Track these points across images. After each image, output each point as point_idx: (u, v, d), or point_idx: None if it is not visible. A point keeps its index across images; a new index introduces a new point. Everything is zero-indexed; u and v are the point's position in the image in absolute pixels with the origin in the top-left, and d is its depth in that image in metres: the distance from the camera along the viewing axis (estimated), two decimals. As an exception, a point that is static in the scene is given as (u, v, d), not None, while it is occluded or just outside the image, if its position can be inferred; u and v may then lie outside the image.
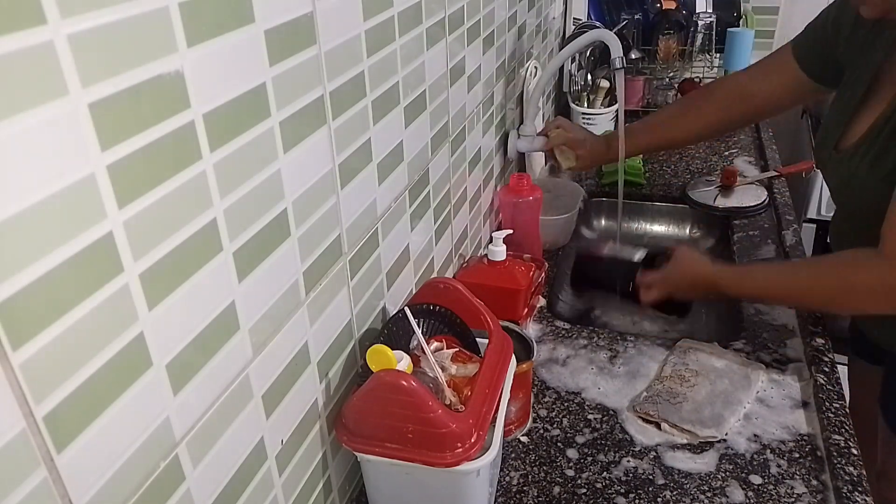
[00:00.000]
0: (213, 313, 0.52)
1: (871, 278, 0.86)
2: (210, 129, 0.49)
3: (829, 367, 1.01)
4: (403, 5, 0.79)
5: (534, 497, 0.84)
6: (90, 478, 0.42)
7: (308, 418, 0.70)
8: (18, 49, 0.34)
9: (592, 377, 1.02)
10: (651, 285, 1.08)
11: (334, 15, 0.64)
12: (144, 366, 0.45)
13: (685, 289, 1.06)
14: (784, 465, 0.86)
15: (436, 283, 0.85)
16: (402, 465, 0.69)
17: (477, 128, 1.18)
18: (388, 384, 0.66)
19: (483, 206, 1.29)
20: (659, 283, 1.08)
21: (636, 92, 2.04)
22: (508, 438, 0.92)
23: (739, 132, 1.91)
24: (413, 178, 0.90)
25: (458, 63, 1.02)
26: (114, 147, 0.40)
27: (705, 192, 1.53)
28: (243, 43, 0.51)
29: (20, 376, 0.36)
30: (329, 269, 0.70)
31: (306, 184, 0.63)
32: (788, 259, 1.28)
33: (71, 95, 0.37)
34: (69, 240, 0.38)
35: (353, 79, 0.70)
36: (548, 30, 1.74)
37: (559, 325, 1.14)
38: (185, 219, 0.47)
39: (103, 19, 0.38)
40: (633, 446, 0.90)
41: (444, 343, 0.79)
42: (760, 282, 1.00)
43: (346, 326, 0.77)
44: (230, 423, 0.56)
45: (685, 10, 2.01)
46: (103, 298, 0.41)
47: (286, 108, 0.58)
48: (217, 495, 0.55)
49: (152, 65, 0.42)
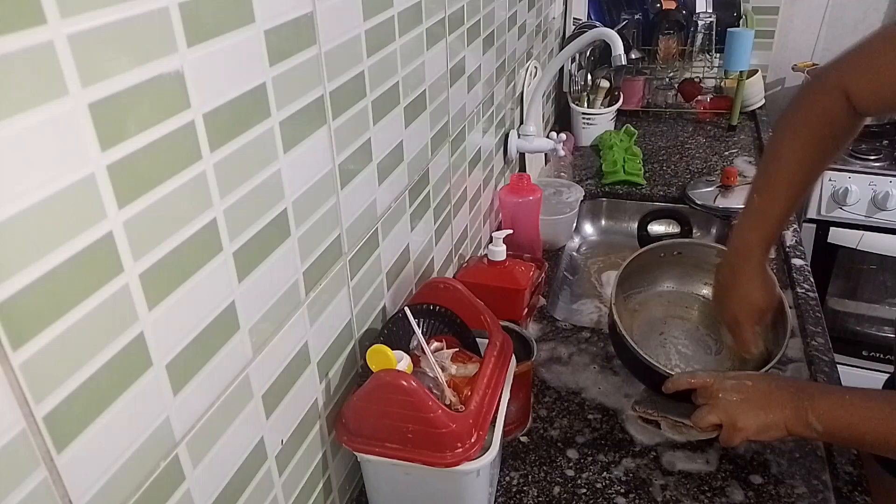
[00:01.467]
0: (213, 313, 0.52)
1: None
2: (210, 129, 0.49)
3: (829, 367, 1.01)
4: (403, 5, 0.79)
5: (534, 497, 0.84)
6: (90, 478, 0.42)
7: (308, 418, 0.70)
8: (18, 49, 0.34)
9: (592, 377, 1.02)
10: (709, 399, 0.80)
11: (334, 15, 0.64)
12: (144, 366, 0.45)
13: (757, 410, 0.77)
14: (784, 465, 0.86)
15: (436, 283, 0.85)
16: (402, 465, 0.69)
17: (477, 128, 1.18)
18: (388, 384, 0.66)
19: (483, 206, 1.29)
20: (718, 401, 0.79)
21: (636, 92, 2.04)
22: (508, 438, 0.92)
23: (739, 132, 1.92)
24: (413, 178, 0.90)
25: (458, 63, 1.02)
26: (114, 147, 0.40)
27: (705, 192, 1.53)
28: (243, 43, 0.51)
29: (20, 376, 0.36)
30: (329, 269, 0.70)
31: (306, 184, 0.63)
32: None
33: (71, 95, 0.37)
34: (69, 240, 0.38)
35: (353, 79, 0.70)
36: (548, 30, 1.74)
37: (559, 324, 1.14)
38: (185, 219, 0.47)
39: (103, 19, 0.38)
40: (633, 446, 0.90)
41: (444, 343, 0.79)
42: (860, 409, 0.72)
43: (346, 326, 0.77)
44: (230, 424, 0.56)
45: (685, 10, 2.01)
46: (103, 298, 0.41)
47: (286, 108, 0.58)
48: (217, 495, 0.55)
49: (152, 65, 0.42)
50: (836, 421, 0.72)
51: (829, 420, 0.72)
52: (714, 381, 0.81)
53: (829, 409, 0.73)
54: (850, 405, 0.73)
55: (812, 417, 0.73)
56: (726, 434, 0.78)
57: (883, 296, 2.07)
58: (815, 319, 1.10)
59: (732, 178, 1.52)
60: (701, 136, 1.91)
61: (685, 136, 1.92)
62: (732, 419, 0.77)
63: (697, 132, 1.94)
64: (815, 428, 0.73)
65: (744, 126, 1.95)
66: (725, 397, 0.79)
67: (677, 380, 0.84)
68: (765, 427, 0.76)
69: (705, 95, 2.04)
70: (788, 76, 2.36)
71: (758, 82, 2.01)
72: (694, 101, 2.03)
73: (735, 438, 0.77)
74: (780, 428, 0.75)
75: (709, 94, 2.05)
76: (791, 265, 1.26)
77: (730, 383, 0.80)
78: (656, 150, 1.82)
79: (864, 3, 2.24)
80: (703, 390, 0.81)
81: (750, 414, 0.76)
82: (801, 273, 1.24)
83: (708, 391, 0.81)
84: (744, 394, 0.78)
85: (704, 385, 0.81)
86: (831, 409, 0.73)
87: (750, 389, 0.78)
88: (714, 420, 0.78)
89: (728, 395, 0.78)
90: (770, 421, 0.75)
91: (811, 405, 0.74)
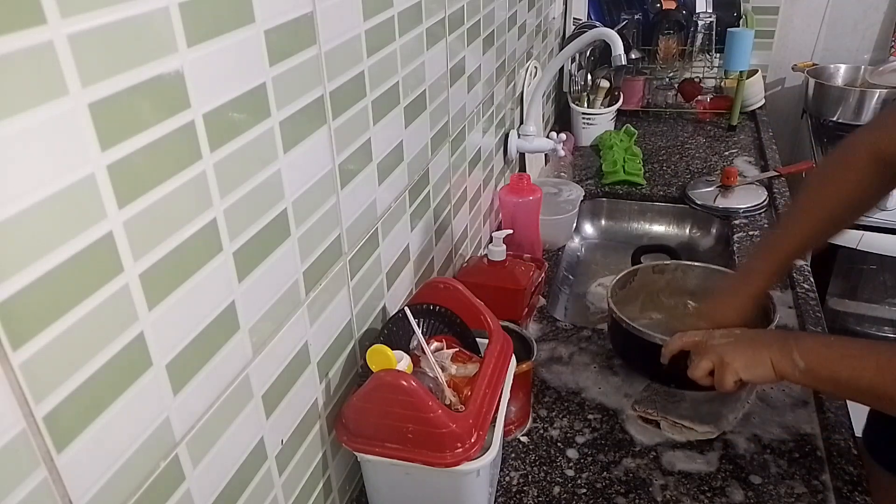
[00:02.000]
0: (213, 313, 0.52)
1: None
2: (210, 129, 0.49)
3: (829, 367, 1.01)
4: (403, 5, 0.79)
5: (534, 497, 0.84)
6: (90, 478, 0.42)
7: (308, 418, 0.70)
8: (18, 49, 0.34)
9: (593, 377, 1.02)
10: (701, 350, 0.84)
11: (334, 15, 0.64)
12: (144, 366, 0.45)
13: (745, 348, 0.80)
14: (784, 465, 0.86)
15: (436, 283, 0.85)
16: (402, 465, 0.69)
17: (477, 128, 1.18)
18: (388, 384, 0.66)
19: (483, 206, 1.29)
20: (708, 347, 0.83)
21: (636, 92, 2.04)
22: (508, 438, 0.92)
23: (739, 132, 1.92)
24: (413, 178, 0.90)
25: (458, 63, 1.02)
26: (114, 147, 0.40)
27: (705, 192, 1.53)
28: (243, 43, 0.51)
29: (20, 376, 0.36)
30: (329, 269, 0.70)
31: (306, 184, 0.63)
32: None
33: (71, 95, 0.37)
34: (69, 240, 0.38)
35: (353, 79, 0.70)
36: (548, 30, 1.74)
37: (559, 324, 1.14)
38: (185, 219, 0.47)
39: (103, 19, 0.38)
40: (633, 446, 0.90)
41: (444, 343, 0.79)
42: (841, 348, 0.76)
43: (346, 326, 0.77)
44: (230, 424, 0.56)
45: (685, 10, 2.01)
46: (103, 298, 0.41)
47: (286, 108, 0.58)
48: (217, 495, 0.55)
49: (152, 65, 0.42)
50: (818, 357, 0.76)
51: (812, 357, 0.75)
52: (706, 335, 0.85)
53: (813, 347, 0.77)
54: (833, 344, 0.77)
55: (796, 354, 0.76)
56: (718, 375, 0.81)
57: (883, 296, 2.07)
58: (815, 319, 1.10)
59: (732, 178, 1.52)
60: (701, 136, 1.91)
61: (685, 136, 1.92)
62: (721, 357, 0.81)
63: (697, 132, 1.94)
64: (798, 365, 0.76)
65: (744, 126, 1.95)
66: (715, 342, 0.83)
67: (671, 343, 0.86)
68: (752, 363, 0.79)
69: (705, 95, 2.03)
70: (788, 76, 2.36)
71: (758, 82, 2.01)
72: (694, 101, 2.03)
73: (726, 376, 0.80)
74: (766, 364, 0.78)
75: (709, 94, 2.05)
76: (791, 265, 1.26)
77: (719, 332, 0.85)
78: (656, 150, 1.82)
79: (864, 3, 2.24)
80: (696, 346, 0.85)
81: (738, 351, 0.80)
82: (801, 273, 1.24)
83: (700, 345, 0.85)
84: (732, 337, 0.83)
85: (696, 343, 0.85)
86: (815, 347, 0.77)
87: (738, 334, 0.83)
88: (707, 366, 0.82)
89: (718, 340, 0.83)
90: (757, 357, 0.79)
91: (796, 343, 0.77)
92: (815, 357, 0.75)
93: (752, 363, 0.79)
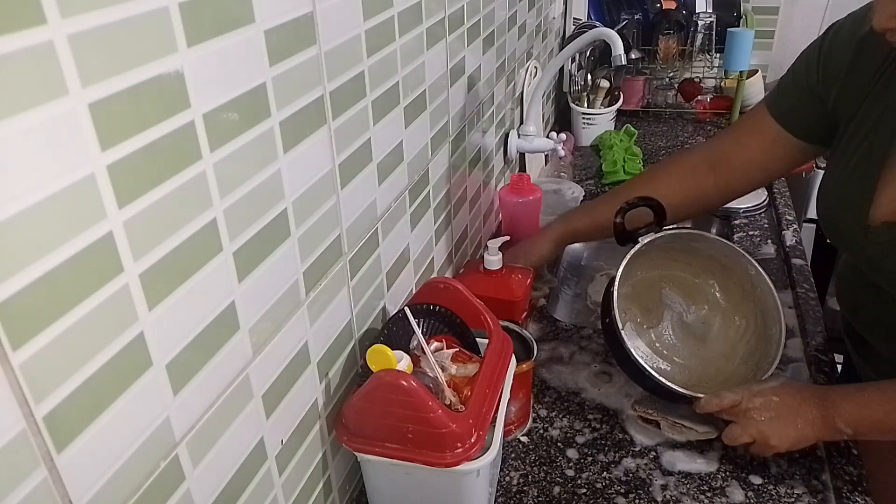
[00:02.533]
0: (213, 313, 0.52)
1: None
2: (210, 129, 0.49)
3: (829, 367, 1.01)
4: (403, 5, 0.79)
5: (534, 497, 0.84)
6: (90, 478, 0.42)
7: (308, 418, 0.70)
8: (18, 49, 0.33)
9: (593, 377, 1.02)
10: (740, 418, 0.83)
11: (334, 15, 0.64)
12: (144, 366, 0.45)
13: (788, 427, 0.80)
14: (784, 465, 0.86)
15: (436, 283, 0.85)
16: (402, 465, 0.69)
17: (477, 128, 1.18)
18: (388, 384, 0.66)
19: (483, 206, 1.29)
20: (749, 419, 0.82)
21: (636, 92, 2.04)
22: (508, 438, 0.92)
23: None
24: (413, 178, 0.90)
25: (458, 63, 1.02)
26: (114, 147, 0.40)
27: (705, 192, 1.53)
28: (243, 43, 0.51)
29: (20, 376, 0.36)
30: (329, 269, 0.70)
31: (306, 184, 0.63)
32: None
33: (71, 95, 0.37)
34: (69, 240, 0.38)
35: (353, 79, 0.70)
36: (548, 30, 1.74)
37: (559, 324, 1.14)
38: (185, 219, 0.47)
39: (103, 19, 0.38)
40: (633, 446, 0.90)
41: (444, 343, 0.79)
42: (881, 404, 0.77)
43: (346, 326, 0.77)
44: (230, 423, 0.56)
45: (685, 10, 2.01)
46: (103, 298, 0.41)
47: (286, 108, 0.58)
48: (217, 495, 0.55)
49: (152, 65, 0.42)
50: (863, 420, 0.78)
51: (856, 422, 0.78)
52: (742, 398, 0.83)
53: (854, 412, 0.78)
54: (872, 403, 0.78)
55: (840, 423, 0.78)
56: (759, 450, 0.83)
57: (883, 296, 2.06)
58: (814, 319, 1.10)
59: (732, 178, 1.52)
60: (701, 136, 1.91)
61: (685, 136, 1.92)
62: (765, 438, 0.81)
63: (697, 132, 1.94)
64: (845, 432, 0.79)
65: (744, 126, 1.94)
66: (755, 416, 0.82)
67: (706, 405, 0.86)
68: (797, 442, 0.81)
69: (705, 95, 2.03)
70: (788, 76, 2.35)
71: (758, 82, 2.00)
72: (694, 101, 2.03)
73: (768, 454, 0.84)
74: (812, 439, 0.81)
75: (709, 94, 2.05)
76: (791, 265, 1.26)
77: (758, 401, 0.83)
78: (656, 150, 1.82)
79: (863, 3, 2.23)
80: (734, 413, 0.84)
81: (782, 433, 0.80)
82: (800, 273, 1.24)
83: (736, 410, 0.84)
84: (773, 411, 0.81)
85: (735, 410, 0.84)
86: (855, 411, 0.78)
87: (778, 406, 0.82)
88: (747, 440, 0.82)
89: (758, 415, 0.82)
90: (801, 435, 0.80)
91: (836, 412, 0.79)
92: (859, 421, 0.78)
93: (797, 442, 0.81)
